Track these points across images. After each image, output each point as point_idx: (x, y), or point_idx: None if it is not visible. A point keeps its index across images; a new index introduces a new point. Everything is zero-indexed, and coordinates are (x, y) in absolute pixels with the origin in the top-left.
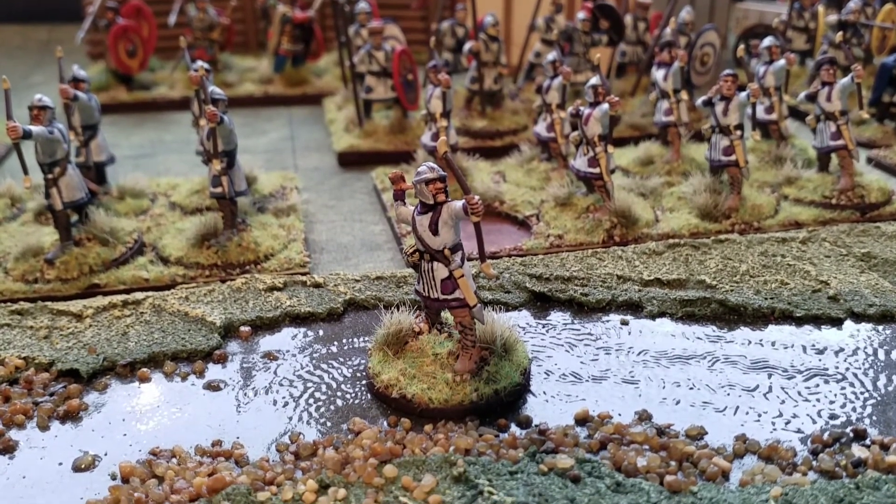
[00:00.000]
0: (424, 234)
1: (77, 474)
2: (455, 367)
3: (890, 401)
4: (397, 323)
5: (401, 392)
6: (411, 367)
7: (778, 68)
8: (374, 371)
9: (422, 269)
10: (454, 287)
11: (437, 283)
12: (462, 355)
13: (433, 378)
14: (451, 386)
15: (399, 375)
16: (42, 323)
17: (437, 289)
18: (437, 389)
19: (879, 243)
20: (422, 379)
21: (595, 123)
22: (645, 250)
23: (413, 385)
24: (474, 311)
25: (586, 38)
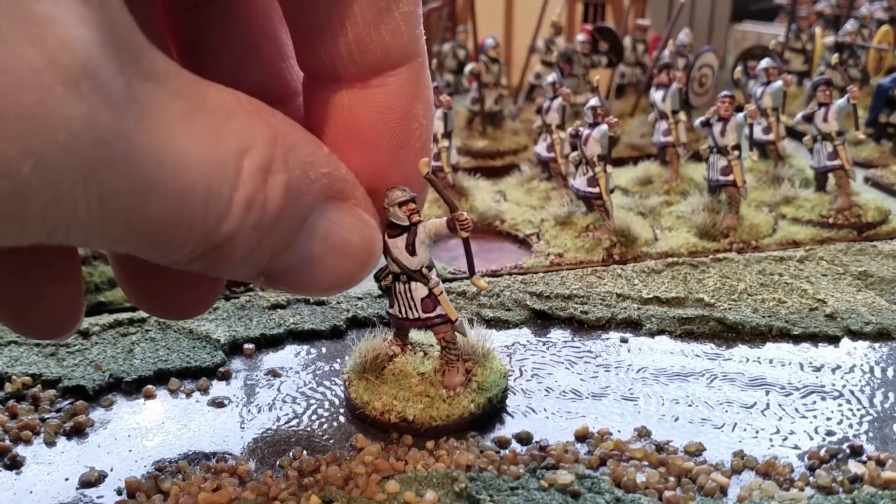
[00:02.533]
0: (401, 256)
1: (83, 489)
2: (445, 382)
3: (886, 417)
4: (372, 349)
5: (400, 415)
6: (401, 389)
7: (775, 89)
8: (363, 400)
9: (395, 290)
10: (435, 304)
11: (417, 303)
12: (449, 370)
13: (427, 397)
14: (448, 401)
15: (392, 400)
16: (49, 340)
17: (416, 309)
18: (435, 407)
19: (876, 262)
20: (416, 399)
21: (594, 144)
22: (644, 269)
23: (410, 407)
24: (456, 326)
25: (586, 60)
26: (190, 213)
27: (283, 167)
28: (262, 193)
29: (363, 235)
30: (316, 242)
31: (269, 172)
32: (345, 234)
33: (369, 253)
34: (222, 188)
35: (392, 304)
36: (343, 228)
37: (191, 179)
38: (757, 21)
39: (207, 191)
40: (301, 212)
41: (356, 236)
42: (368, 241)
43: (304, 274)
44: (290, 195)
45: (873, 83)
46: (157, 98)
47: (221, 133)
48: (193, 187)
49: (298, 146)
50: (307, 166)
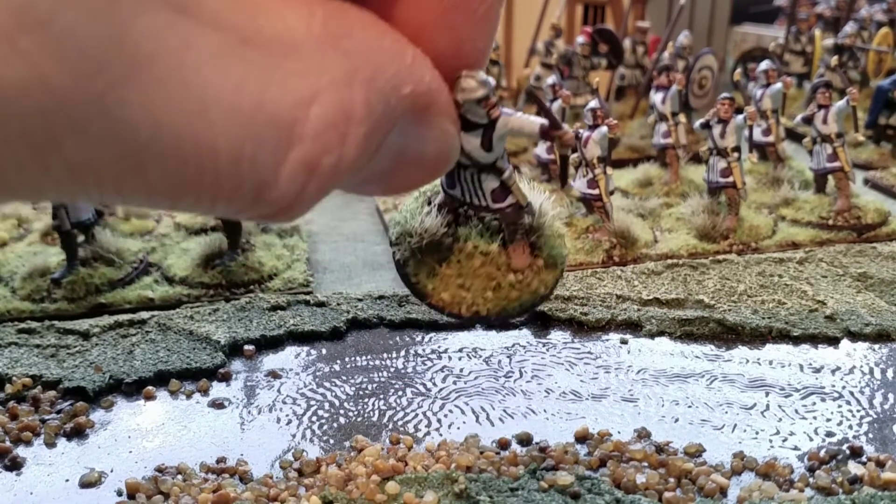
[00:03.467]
0: (474, 151)
1: (83, 490)
2: (512, 265)
3: (886, 418)
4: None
5: (472, 309)
6: (465, 275)
7: (775, 91)
8: (427, 290)
9: (459, 175)
10: (507, 194)
11: (486, 193)
12: (514, 250)
13: (493, 280)
14: (517, 287)
15: (459, 290)
16: (49, 341)
17: (485, 198)
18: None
19: (876, 263)
20: (484, 286)
21: (594, 146)
22: (644, 270)
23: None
24: (527, 209)
25: (585, 62)
26: (211, 183)
27: (363, 113)
28: (332, 153)
29: (440, 145)
30: (389, 160)
31: (347, 124)
32: (420, 148)
33: (444, 162)
34: (263, 151)
35: (453, 184)
36: (419, 142)
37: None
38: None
39: (237, 155)
40: (376, 147)
41: (433, 148)
42: (445, 150)
43: (367, 187)
44: (369, 142)
45: (873, 85)
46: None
47: (273, 76)
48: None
49: (380, 72)
50: (389, 94)
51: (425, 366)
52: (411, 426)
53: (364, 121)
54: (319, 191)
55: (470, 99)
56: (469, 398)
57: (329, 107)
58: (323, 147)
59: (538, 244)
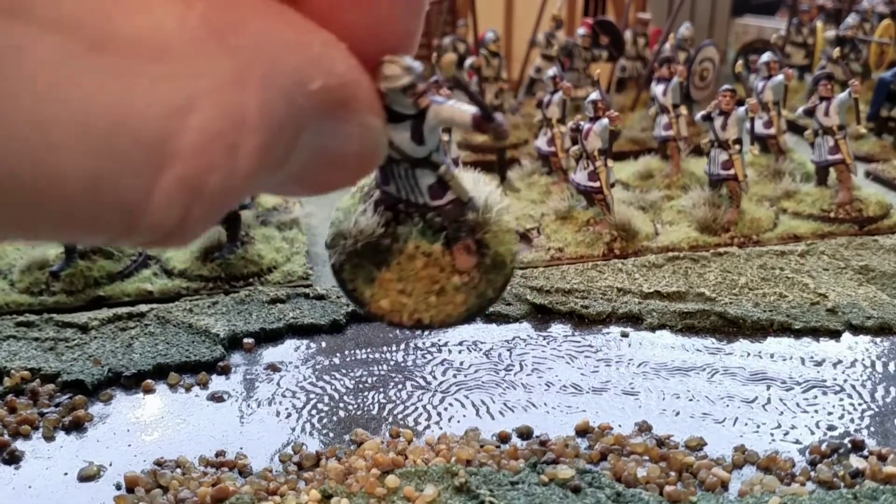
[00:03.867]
0: (404, 144)
1: (82, 484)
2: (457, 265)
3: (887, 412)
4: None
5: (414, 317)
6: (406, 278)
7: (776, 83)
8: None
9: (392, 171)
10: (445, 190)
11: (423, 189)
12: (458, 251)
13: (436, 284)
14: (463, 290)
15: (399, 296)
16: (48, 334)
17: (422, 195)
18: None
19: (877, 256)
20: (426, 290)
21: (595, 138)
22: (645, 263)
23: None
24: (470, 204)
25: (586, 54)
26: (63, 214)
27: (257, 120)
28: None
29: (364, 143)
30: (304, 161)
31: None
32: (341, 146)
33: (371, 160)
34: (127, 173)
35: (386, 181)
36: (339, 141)
37: (52, 166)
38: (758, 15)
39: (92, 180)
40: (282, 153)
41: (356, 146)
42: (369, 147)
43: (285, 189)
44: (270, 152)
45: (874, 77)
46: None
47: (135, 84)
48: (58, 178)
49: (278, 67)
50: (293, 92)
51: (425, 359)
52: (411, 420)
53: (260, 128)
54: (211, 212)
55: (394, 88)
56: (469, 391)
57: (211, 115)
58: (207, 164)
59: (485, 241)
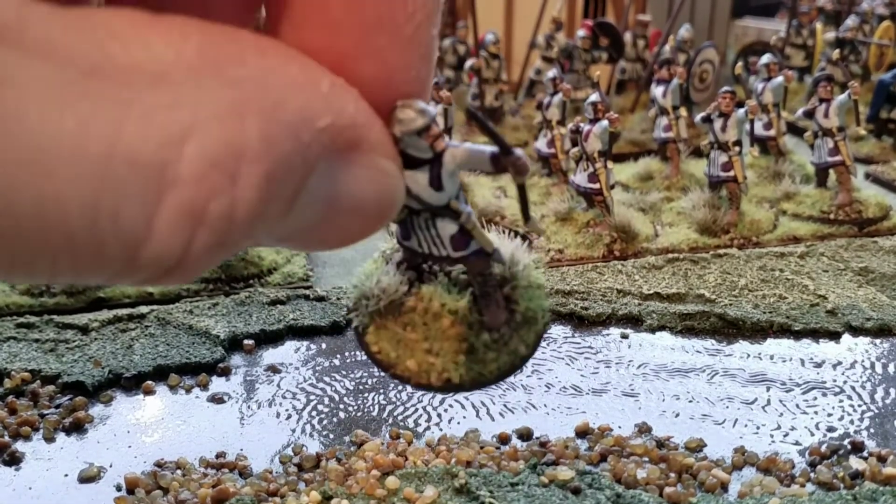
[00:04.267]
0: (423, 192)
1: (82, 485)
2: (487, 323)
3: (887, 413)
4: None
5: (443, 377)
6: (433, 337)
7: (776, 85)
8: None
9: (413, 224)
10: (468, 240)
11: (445, 240)
12: (486, 305)
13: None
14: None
15: (426, 355)
16: (48, 336)
17: (444, 247)
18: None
19: (877, 258)
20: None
21: (595, 139)
22: (644, 265)
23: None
24: (494, 257)
25: (586, 56)
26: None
27: (258, 149)
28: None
29: (380, 188)
30: (317, 208)
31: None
32: (355, 192)
33: (389, 206)
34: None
35: (408, 236)
36: (353, 186)
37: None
38: (758, 16)
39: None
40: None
41: (371, 191)
42: (386, 193)
43: (303, 241)
44: (274, 185)
45: (874, 79)
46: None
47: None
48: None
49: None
50: (299, 128)
51: None
52: (411, 421)
53: (261, 158)
54: (215, 244)
55: (408, 131)
56: (469, 393)
57: (209, 144)
58: (208, 190)
59: (514, 297)
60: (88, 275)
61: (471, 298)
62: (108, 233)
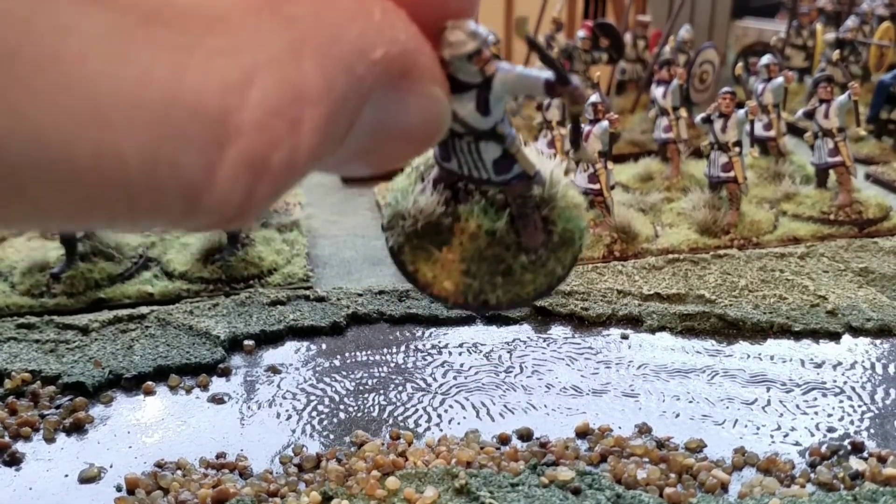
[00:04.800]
0: (469, 116)
1: (83, 486)
2: (524, 244)
3: (887, 414)
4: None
5: (480, 298)
6: (470, 259)
7: (776, 86)
8: (428, 279)
9: (454, 146)
10: (511, 164)
11: (488, 164)
12: (524, 226)
13: (503, 263)
14: (531, 269)
15: (462, 276)
16: (48, 336)
17: (486, 170)
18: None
19: (877, 258)
20: (493, 271)
21: (595, 140)
22: (645, 265)
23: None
24: (536, 179)
25: (586, 56)
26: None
27: (319, 91)
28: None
29: (427, 114)
30: (368, 137)
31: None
32: (404, 119)
33: (435, 132)
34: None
35: (448, 157)
36: (401, 113)
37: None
38: (758, 17)
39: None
40: (345, 128)
41: (418, 118)
42: (433, 119)
43: (346, 167)
44: (333, 125)
45: (874, 80)
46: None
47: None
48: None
49: (338, 36)
50: (354, 62)
51: (425, 361)
52: (411, 421)
53: (321, 100)
54: (275, 190)
55: (459, 55)
56: (469, 393)
57: (271, 89)
58: (270, 140)
59: (551, 217)
60: (146, 222)
61: (508, 219)
62: (168, 183)
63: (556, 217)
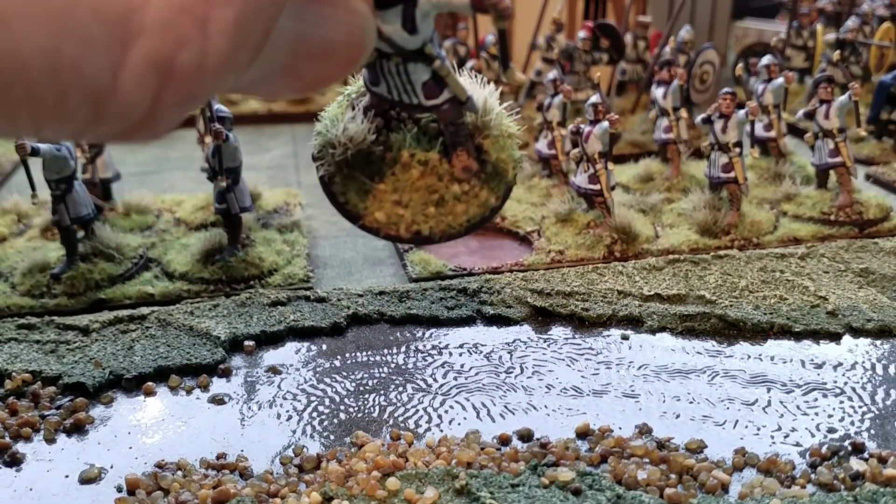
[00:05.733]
0: (395, 34)
1: (83, 487)
2: (456, 174)
3: (888, 415)
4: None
5: (412, 228)
6: (402, 189)
7: (776, 86)
8: (359, 210)
9: (382, 68)
10: (441, 87)
11: (417, 87)
12: (458, 156)
13: (435, 193)
14: (463, 199)
15: (394, 207)
16: (49, 337)
17: (416, 94)
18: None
19: (878, 259)
20: (424, 200)
21: (595, 141)
22: (645, 266)
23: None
24: (468, 105)
25: (587, 57)
26: (24, 98)
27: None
28: (190, 46)
29: (349, 30)
30: (287, 53)
31: (206, 6)
32: (324, 35)
33: (359, 49)
34: (91, 52)
35: (376, 81)
36: (321, 28)
37: (10, 47)
38: (758, 18)
39: (53, 60)
40: (260, 36)
41: (340, 34)
42: (356, 35)
43: (274, 85)
44: (246, 30)
45: (875, 80)
46: None
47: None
48: (17, 59)
49: None
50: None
51: (426, 361)
52: (412, 422)
53: (232, 1)
54: (184, 96)
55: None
56: (470, 394)
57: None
58: (176, 40)
59: (485, 147)
60: (52, 128)
61: (441, 149)
62: (72, 85)
63: (489, 146)
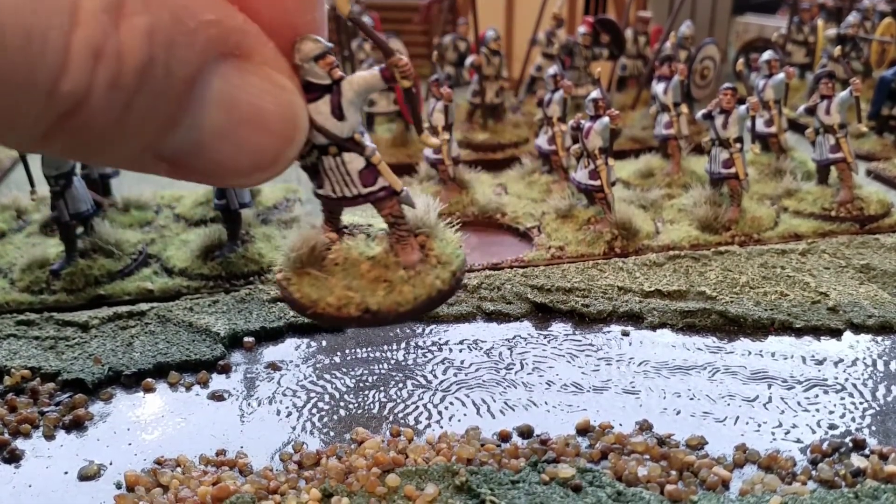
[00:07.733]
0: (326, 122)
1: (82, 483)
2: (402, 262)
3: (889, 411)
4: (306, 240)
5: (361, 307)
6: (352, 278)
7: (777, 82)
8: (312, 298)
9: (324, 167)
10: (376, 175)
11: (354, 177)
12: (403, 248)
13: (385, 281)
14: (410, 282)
15: (346, 292)
16: (48, 333)
17: (354, 184)
18: (398, 291)
19: (878, 255)
20: (374, 286)
21: (596, 136)
22: (645, 262)
23: (371, 295)
24: (402, 197)
25: (587, 52)
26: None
27: (140, 8)
28: (113, 39)
29: (279, 101)
30: (217, 111)
31: (121, 15)
32: (254, 101)
33: (292, 122)
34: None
35: (321, 183)
36: (250, 93)
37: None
38: (759, 13)
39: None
40: (182, 70)
41: (270, 103)
42: (288, 107)
43: (212, 154)
44: (156, 44)
45: (876, 76)
46: None
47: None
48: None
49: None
50: (179, 11)
51: (426, 358)
52: (412, 418)
53: (140, 12)
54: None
55: (306, 57)
56: (470, 390)
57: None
58: (101, 29)
59: (427, 244)
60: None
61: (388, 246)
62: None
63: (432, 244)
